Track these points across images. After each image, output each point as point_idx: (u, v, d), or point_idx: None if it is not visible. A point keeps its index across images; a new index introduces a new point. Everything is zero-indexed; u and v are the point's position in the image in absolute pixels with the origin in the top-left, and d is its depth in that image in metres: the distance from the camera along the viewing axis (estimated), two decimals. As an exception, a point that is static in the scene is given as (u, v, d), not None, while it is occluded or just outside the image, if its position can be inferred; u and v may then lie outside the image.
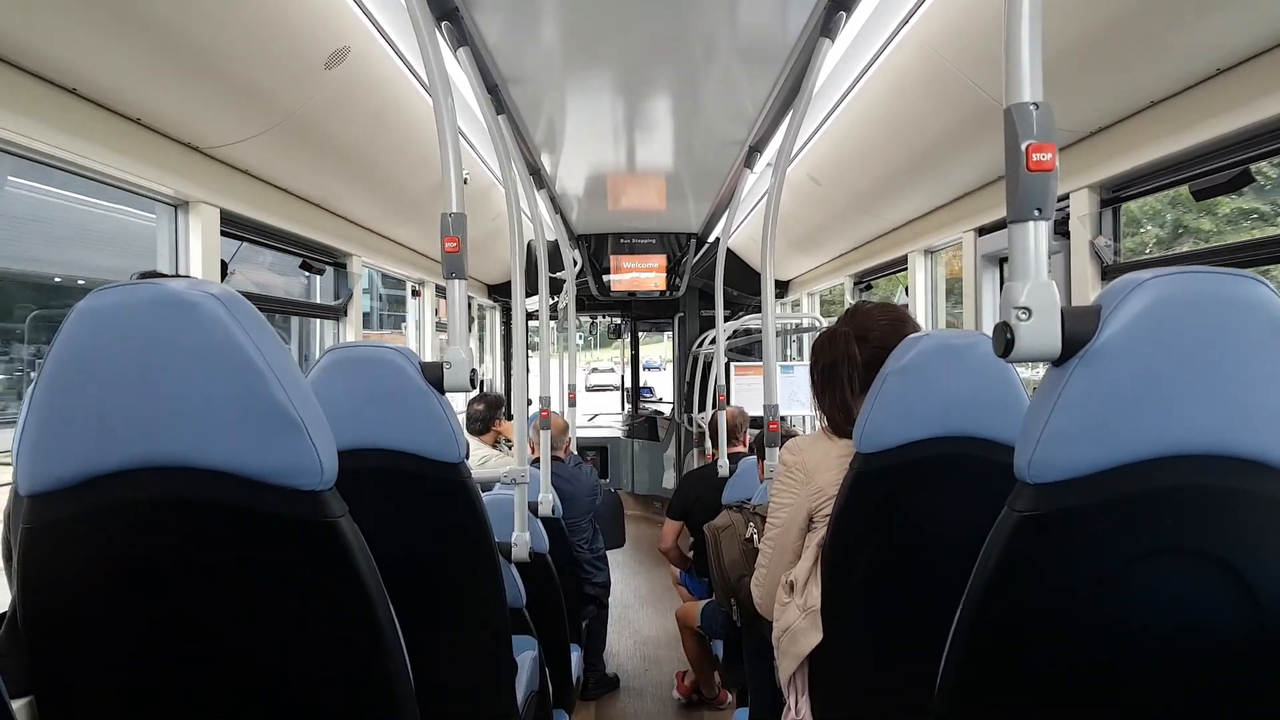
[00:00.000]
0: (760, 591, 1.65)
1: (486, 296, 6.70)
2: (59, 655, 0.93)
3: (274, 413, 0.88)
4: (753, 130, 2.88)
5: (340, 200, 3.35)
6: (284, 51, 2.08)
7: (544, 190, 3.72)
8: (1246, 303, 0.79)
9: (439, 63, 1.62)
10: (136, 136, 2.13)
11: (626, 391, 9.04)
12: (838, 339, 1.58)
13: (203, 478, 0.89)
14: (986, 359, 1.36)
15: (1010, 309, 0.82)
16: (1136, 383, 0.79)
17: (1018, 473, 0.83)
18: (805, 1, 1.88)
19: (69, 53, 1.76)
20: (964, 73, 2.23)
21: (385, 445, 1.50)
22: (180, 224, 2.45)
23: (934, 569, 1.32)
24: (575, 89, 2.57)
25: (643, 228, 5.33)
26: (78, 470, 0.89)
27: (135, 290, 0.89)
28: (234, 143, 2.39)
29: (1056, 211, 2.35)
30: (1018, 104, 0.86)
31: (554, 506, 2.84)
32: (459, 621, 1.60)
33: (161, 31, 1.77)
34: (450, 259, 1.57)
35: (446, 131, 1.59)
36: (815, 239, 4.89)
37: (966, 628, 0.87)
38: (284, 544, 0.92)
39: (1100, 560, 0.81)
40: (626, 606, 5.17)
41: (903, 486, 1.39)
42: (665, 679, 4.00)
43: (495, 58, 2.20)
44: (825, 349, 1.60)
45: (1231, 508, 0.80)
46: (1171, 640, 0.81)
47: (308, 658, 0.96)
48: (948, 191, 3.24)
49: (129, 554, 0.92)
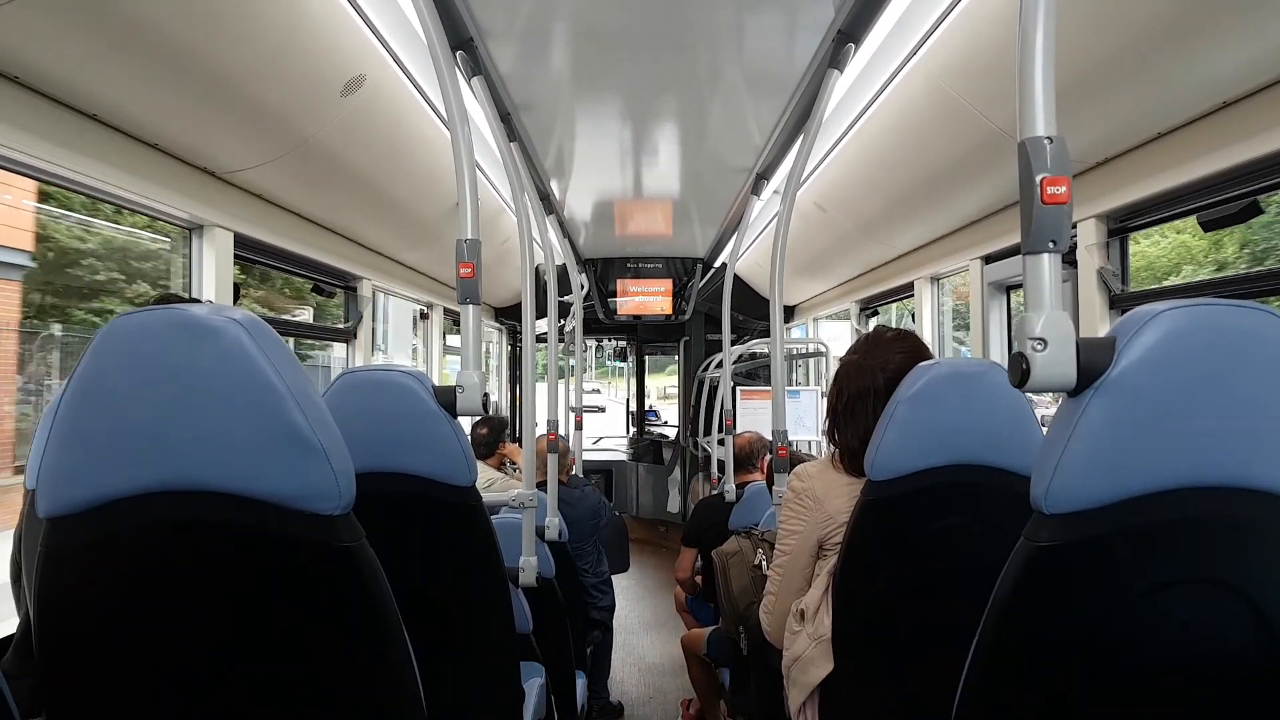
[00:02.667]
0: (769, 619, 1.64)
1: (494, 319, 6.72)
2: (73, 677, 0.93)
3: (294, 437, 0.89)
4: (760, 158, 2.91)
5: (352, 224, 3.38)
6: (300, 79, 2.11)
7: (553, 215, 3.75)
8: (1260, 334, 0.79)
9: (456, 92, 1.64)
10: (153, 161, 2.16)
11: (632, 415, 9.02)
12: (864, 371, 1.56)
13: (222, 502, 0.90)
14: (998, 387, 1.36)
15: (1026, 339, 0.83)
16: (1152, 414, 0.79)
17: (1034, 503, 0.83)
18: (813, 34, 1.90)
19: (89, 79, 1.79)
20: (970, 103, 2.25)
21: (397, 469, 1.50)
22: (195, 247, 2.47)
23: (947, 598, 1.32)
24: (585, 117, 2.60)
25: (649, 252, 5.36)
26: (97, 493, 0.89)
27: (158, 315, 0.89)
28: (249, 168, 2.42)
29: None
30: (1032, 138, 0.87)
31: (560, 530, 2.83)
32: (468, 647, 1.60)
33: (180, 58, 1.80)
34: (465, 284, 1.58)
35: (463, 160, 1.61)
36: (821, 265, 4.91)
37: (983, 658, 0.87)
38: (301, 568, 0.93)
39: (1117, 591, 0.81)
40: (630, 632, 5.13)
41: (915, 514, 1.39)
42: (670, 707, 3.96)
43: (508, 86, 2.23)
44: (850, 379, 1.58)
45: (1246, 539, 0.80)
46: (1187, 670, 0.81)
47: (323, 682, 0.96)
48: (954, 219, 3.26)
49: (146, 577, 0.92)
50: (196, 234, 2.47)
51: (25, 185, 2.63)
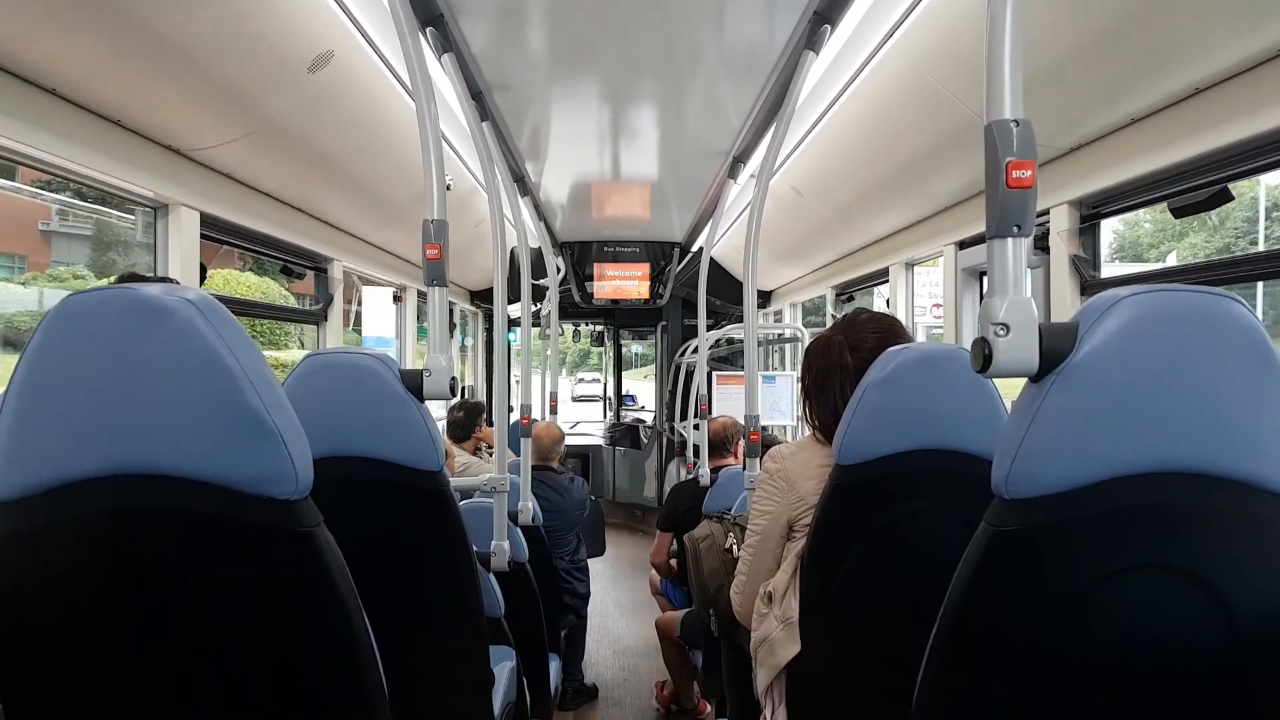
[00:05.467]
0: (740, 599, 1.65)
1: (469, 302, 6.67)
2: (28, 664, 0.91)
3: (249, 420, 0.87)
4: (736, 141, 2.90)
5: (322, 204, 3.33)
6: (267, 55, 2.06)
7: (528, 197, 3.72)
8: (1224, 321, 0.80)
9: (422, 68, 1.61)
10: (117, 138, 2.11)
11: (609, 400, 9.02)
12: (832, 347, 1.58)
13: (175, 485, 0.88)
14: (966, 373, 1.37)
15: (989, 324, 0.82)
16: (1114, 399, 0.79)
17: (995, 488, 0.83)
18: (789, 14, 1.89)
19: (49, 53, 1.74)
20: (946, 88, 2.25)
21: (362, 453, 1.48)
22: (160, 227, 2.42)
23: (912, 581, 1.32)
24: (560, 97, 2.57)
25: (626, 236, 5.34)
26: (48, 476, 0.87)
27: (111, 295, 0.87)
28: (215, 145, 2.37)
29: (1036, 227, 2.39)
30: (998, 120, 0.86)
31: (534, 515, 2.82)
32: (436, 631, 1.59)
33: (143, 33, 1.76)
34: (431, 266, 1.56)
35: (429, 137, 1.58)
36: (798, 250, 4.92)
37: (943, 641, 0.87)
38: (258, 553, 0.91)
39: (1076, 576, 0.81)
40: (606, 615, 5.15)
41: (881, 498, 1.40)
42: (644, 689, 3.98)
43: (480, 64, 2.20)
44: (819, 356, 1.60)
45: (1208, 525, 0.81)
46: (1148, 655, 0.82)
47: (282, 668, 0.94)
48: (929, 205, 3.27)
49: (99, 561, 0.90)
50: (161, 213, 2.42)
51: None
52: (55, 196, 5.83)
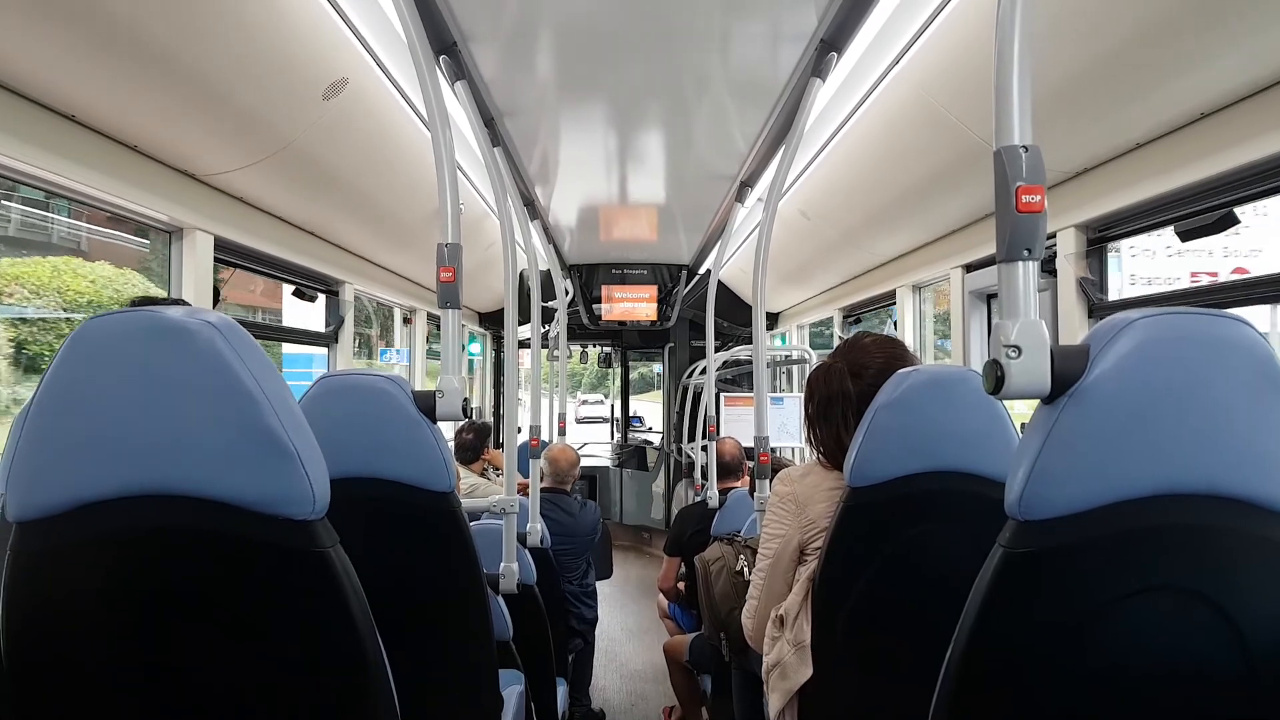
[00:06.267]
0: (751, 623, 1.64)
1: (478, 324, 6.70)
2: (43, 683, 0.91)
3: (268, 442, 0.88)
4: (744, 165, 2.92)
5: (334, 228, 3.36)
6: (283, 82, 2.10)
7: (537, 221, 3.74)
8: (1233, 344, 0.80)
9: (438, 97, 1.63)
10: (133, 164, 2.14)
11: (616, 421, 9.00)
12: (833, 375, 1.58)
13: (194, 506, 0.88)
14: (976, 394, 1.37)
15: (1000, 347, 0.83)
16: (1125, 422, 0.79)
17: (1008, 510, 0.84)
18: (797, 42, 1.91)
19: (68, 80, 1.77)
20: (952, 113, 2.27)
21: (375, 474, 1.49)
22: (174, 250, 2.45)
23: (924, 604, 1.32)
24: (570, 122, 2.60)
25: (634, 258, 5.36)
26: (69, 497, 0.88)
27: (131, 317, 0.88)
28: (230, 171, 2.40)
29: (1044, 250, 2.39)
30: (1007, 146, 0.87)
31: (542, 537, 2.82)
32: (446, 653, 1.59)
33: (161, 60, 1.79)
34: (445, 289, 1.58)
35: (445, 164, 1.60)
36: (805, 272, 4.93)
37: (957, 664, 0.87)
38: (274, 573, 0.92)
39: (1089, 598, 0.81)
40: (613, 639, 5.11)
41: (893, 521, 1.39)
42: (651, 714, 3.95)
43: (492, 91, 2.23)
44: (820, 384, 1.61)
45: (1219, 547, 0.81)
46: (1160, 678, 0.81)
47: (295, 688, 0.95)
48: (936, 228, 3.28)
49: (118, 581, 0.91)
50: (176, 237, 2.45)
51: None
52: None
